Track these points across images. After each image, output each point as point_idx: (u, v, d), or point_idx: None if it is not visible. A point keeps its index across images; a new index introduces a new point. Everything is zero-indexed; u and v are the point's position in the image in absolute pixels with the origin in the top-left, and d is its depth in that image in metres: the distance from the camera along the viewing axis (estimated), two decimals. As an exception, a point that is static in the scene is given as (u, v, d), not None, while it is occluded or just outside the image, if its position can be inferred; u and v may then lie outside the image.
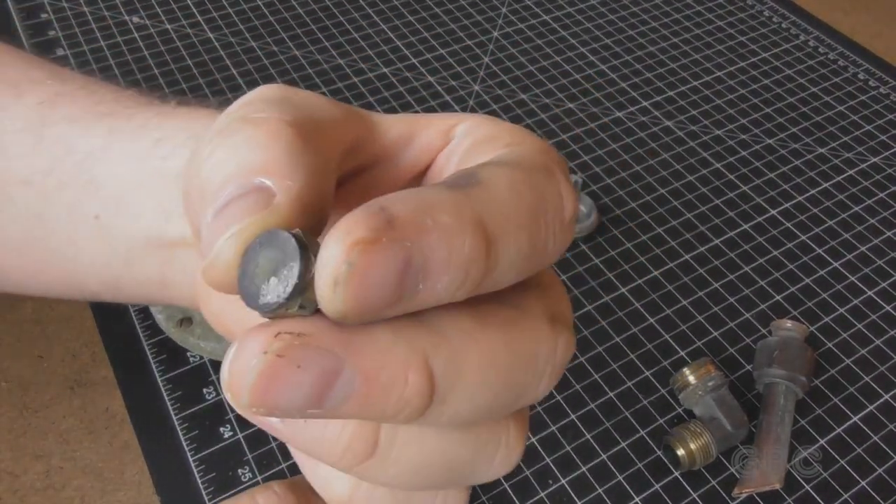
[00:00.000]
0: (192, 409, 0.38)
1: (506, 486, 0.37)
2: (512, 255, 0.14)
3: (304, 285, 0.13)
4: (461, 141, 0.19)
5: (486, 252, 0.14)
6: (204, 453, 0.37)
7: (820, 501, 0.37)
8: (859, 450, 0.39)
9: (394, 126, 0.19)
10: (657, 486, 0.37)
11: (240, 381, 0.13)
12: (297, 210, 0.14)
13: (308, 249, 0.13)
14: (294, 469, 0.37)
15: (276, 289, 0.13)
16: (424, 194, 0.14)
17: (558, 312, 0.17)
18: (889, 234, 0.50)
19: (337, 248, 0.12)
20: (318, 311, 0.13)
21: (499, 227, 0.14)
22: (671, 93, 0.59)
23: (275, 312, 0.13)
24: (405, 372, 0.13)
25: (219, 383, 0.39)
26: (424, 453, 0.16)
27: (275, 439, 0.38)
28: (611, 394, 0.40)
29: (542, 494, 0.36)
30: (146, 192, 0.22)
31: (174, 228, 0.21)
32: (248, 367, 0.13)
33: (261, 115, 0.16)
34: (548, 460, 0.38)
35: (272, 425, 0.15)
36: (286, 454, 0.37)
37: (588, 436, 0.39)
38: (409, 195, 0.14)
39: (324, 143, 0.17)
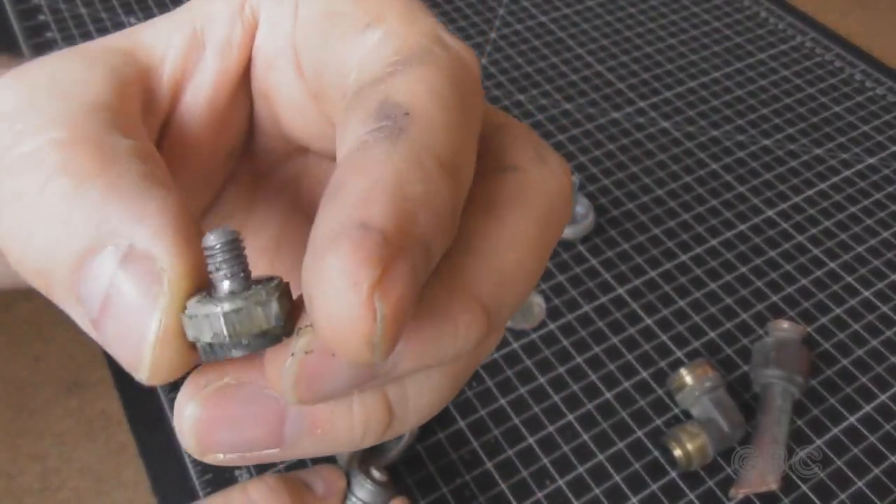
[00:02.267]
0: (189, 411, 0.38)
1: (503, 486, 0.37)
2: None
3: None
4: (280, 30, 0.16)
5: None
6: (201, 454, 0.36)
7: (817, 502, 0.37)
8: (856, 450, 0.39)
9: (164, 56, 0.16)
10: (654, 487, 0.37)
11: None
12: (192, 270, 0.12)
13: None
14: (293, 468, 0.37)
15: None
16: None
17: (536, 147, 0.15)
18: (886, 234, 0.50)
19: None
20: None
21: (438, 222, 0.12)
22: (668, 94, 0.59)
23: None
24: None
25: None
26: (437, 389, 0.14)
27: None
28: (608, 394, 0.40)
29: (540, 495, 0.36)
30: None
31: None
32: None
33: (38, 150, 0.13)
34: (545, 461, 0.38)
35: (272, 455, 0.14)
36: (283, 455, 0.37)
37: (585, 436, 0.39)
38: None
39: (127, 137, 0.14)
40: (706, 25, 0.67)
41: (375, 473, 0.21)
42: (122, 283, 0.12)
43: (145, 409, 0.38)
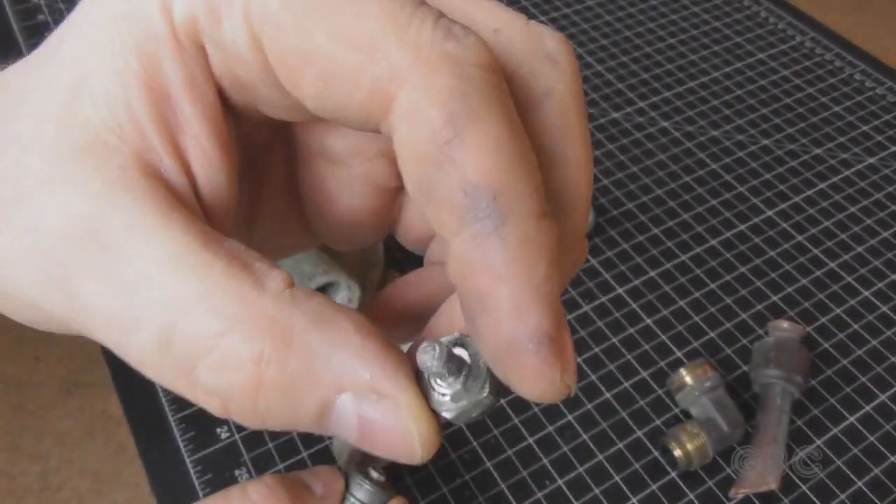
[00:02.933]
0: (189, 411, 0.38)
1: (503, 486, 0.37)
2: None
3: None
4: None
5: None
6: (201, 454, 0.36)
7: (817, 502, 0.37)
8: (856, 450, 0.39)
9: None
10: (654, 487, 0.37)
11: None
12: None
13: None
14: (291, 468, 0.37)
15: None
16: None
17: (543, 47, 0.16)
18: (886, 234, 0.50)
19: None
20: None
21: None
22: (668, 94, 0.59)
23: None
24: None
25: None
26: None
27: (272, 440, 0.38)
28: (608, 394, 0.40)
29: (540, 495, 0.36)
30: None
31: None
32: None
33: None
34: (545, 461, 0.38)
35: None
36: (283, 455, 0.37)
37: (585, 436, 0.39)
38: None
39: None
40: (706, 25, 0.67)
41: (373, 474, 0.21)
42: (372, 418, 0.14)
43: (145, 409, 0.38)
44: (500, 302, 0.13)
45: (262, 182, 0.19)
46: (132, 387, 0.39)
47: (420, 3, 0.14)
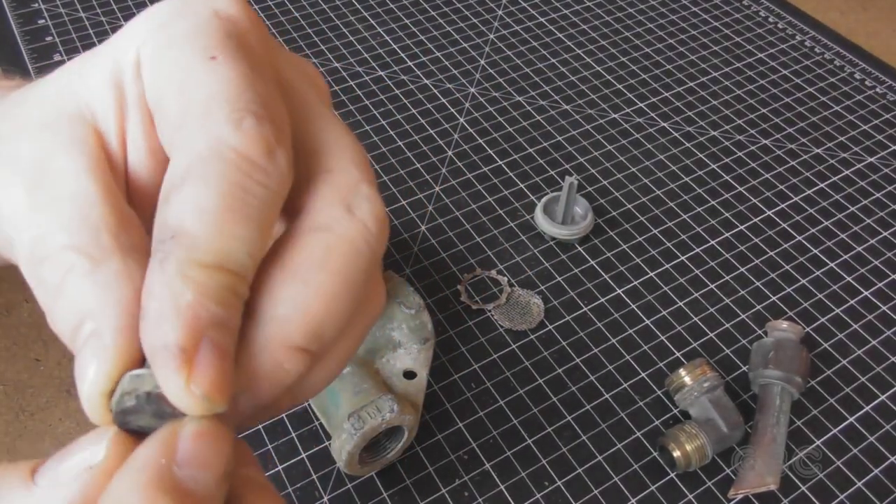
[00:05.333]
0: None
1: (502, 487, 0.37)
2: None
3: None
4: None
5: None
6: (200, 456, 0.36)
7: (816, 502, 0.37)
8: (855, 450, 0.39)
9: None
10: (653, 488, 0.37)
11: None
12: (125, 337, 0.17)
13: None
14: (290, 469, 0.37)
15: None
16: None
17: (351, 199, 0.19)
18: (885, 234, 0.50)
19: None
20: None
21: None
22: (667, 94, 0.59)
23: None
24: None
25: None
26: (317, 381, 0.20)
27: (272, 441, 0.38)
28: (606, 395, 0.40)
29: (538, 496, 0.36)
30: None
31: None
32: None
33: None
34: (543, 462, 0.38)
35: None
36: (283, 456, 0.37)
37: (584, 437, 0.39)
38: None
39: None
40: (705, 25, 0.67)
41: None
42: (86, 349, 0.17)
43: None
44: (150, 313, 0.16)
45: None
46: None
47: (243, 95, 0.18)
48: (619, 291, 0.45)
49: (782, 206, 0.51)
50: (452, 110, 0.56)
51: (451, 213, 0.49)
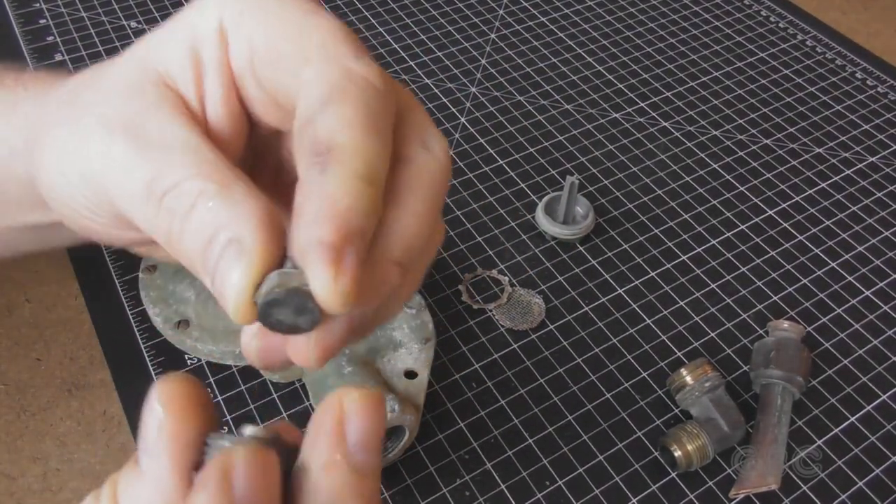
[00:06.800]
0: (189, 412, 0.38)
1: (503, 487, 0.37)
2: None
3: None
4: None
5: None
6: (201, 456, 0.37)
7: (817, 502, 0.37)
8: (857, 450, 0.39)
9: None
10: (654, 487, 0.37)
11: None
12: (264, 241, 0.19)
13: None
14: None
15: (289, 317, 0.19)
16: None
17: (424, 136, 0.22)
18: (887, 233, 0.50)
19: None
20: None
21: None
22: (668, 93, 0.59)
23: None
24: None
25: (216, 385, 0.39)
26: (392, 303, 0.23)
27: (272, 441, 0.38)
28: (608, 395, 0.40)
29: (539, 496, 0.36)
30: None
31: None
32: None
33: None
34: (545, 461, 0.38)
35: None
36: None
37: (585, 437, 0.39)
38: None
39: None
40: (706, 24, 0.67)
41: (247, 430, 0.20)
42: (227, 253, 0.19)
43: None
44: (306, 212, 0.18)
45: (256, 176, 0.25)
46: (133, 388, 0.39)
47: (350, 38, 0.21)
48: (621, 291, 0.45)
49: (783, 205, 0.51)
50: (453, 110, 0.56)
51: (452, 213, 0.49)
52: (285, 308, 0.18)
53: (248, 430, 0.17)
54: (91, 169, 0.22)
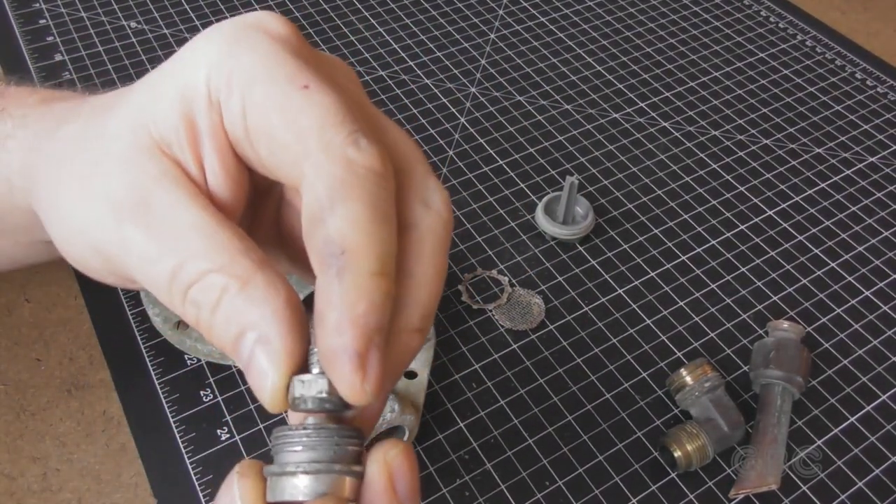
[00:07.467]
0: (190, 412, 0.38)
1: (503, 487, 0.37)
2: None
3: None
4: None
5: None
6: (201, 455, 0.37)
7: (817, 502, 0.37)
8: (857, 450, 0.39)
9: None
10: (654, 488, 0.37)
11: None
12: (291, 342, 0.20)
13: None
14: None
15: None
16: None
17: (424, 194, 0.22)
18: (886, 233, 0.50)
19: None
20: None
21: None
22: (668, 93, 0.59)
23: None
24: None
25: (216, 385, 0.39)
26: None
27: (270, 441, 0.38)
28: (607, 395, 0.40)
29: (539, 496, 0.36)
30: None
31: None
32: None
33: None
34: (544, 461, 0.38)
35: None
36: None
37: (584, 437, 0.39)
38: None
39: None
40: (706, 24, 0.67)
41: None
42: (258, 353, 0.20)
43: (145, 410, 0.38)
44: (329, 321, 0.19)
45: (258, 217, 0.26)
46: (133, 388, 0.39)
47: (346, 118, 0.20)
48: (620, 291, 0.45)
49: (783, 205, 0.51)
50: (453, 110, 0.56)
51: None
52: (310, 405, 0.20)
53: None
54: (106, 251, 0.22)
